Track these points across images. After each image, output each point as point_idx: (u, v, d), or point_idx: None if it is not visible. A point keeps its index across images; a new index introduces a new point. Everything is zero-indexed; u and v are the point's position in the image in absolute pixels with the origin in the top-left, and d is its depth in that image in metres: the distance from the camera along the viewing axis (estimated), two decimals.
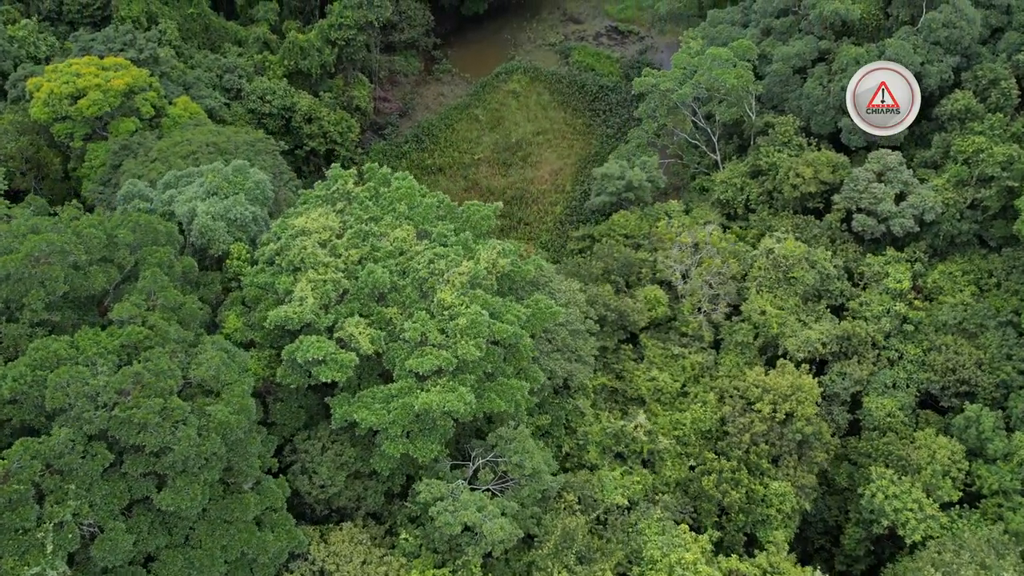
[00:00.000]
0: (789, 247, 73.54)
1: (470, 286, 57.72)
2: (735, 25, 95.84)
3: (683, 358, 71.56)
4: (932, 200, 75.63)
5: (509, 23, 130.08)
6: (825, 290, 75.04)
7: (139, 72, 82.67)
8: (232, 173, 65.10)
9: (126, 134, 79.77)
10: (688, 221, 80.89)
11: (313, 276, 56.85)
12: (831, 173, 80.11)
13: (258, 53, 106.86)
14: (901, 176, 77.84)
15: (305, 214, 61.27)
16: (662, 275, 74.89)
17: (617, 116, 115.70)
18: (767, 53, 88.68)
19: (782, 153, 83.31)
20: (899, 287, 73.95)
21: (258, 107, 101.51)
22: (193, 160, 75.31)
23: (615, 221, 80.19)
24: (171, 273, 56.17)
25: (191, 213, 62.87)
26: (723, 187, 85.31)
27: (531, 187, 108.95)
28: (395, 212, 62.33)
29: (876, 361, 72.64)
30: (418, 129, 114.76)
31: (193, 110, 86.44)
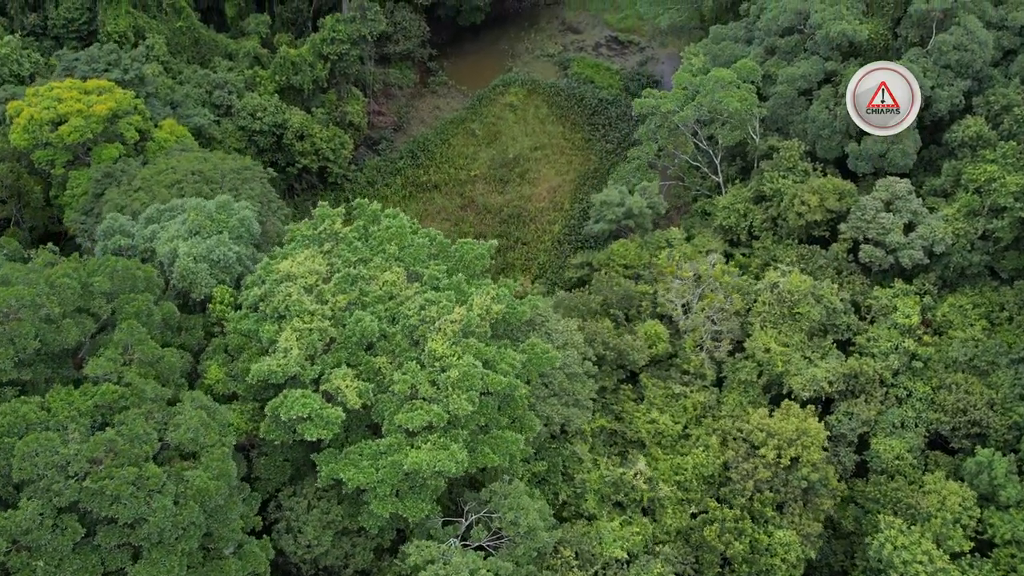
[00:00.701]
0: (794, 281, 71.05)
1: (462, 335, 55.31)
2: (738, 42, 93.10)
3: (684, 397, 69.16)
4: (942, 231, 73.12)
5: (507, 33, 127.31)
6: (831, 324, 72.58)
7: (123, 95, 79.99)
8: (215, 210, 62.58)
9: (109, 161, 77.14)
10: (690, 250, 78.41)
11: (298, 325, 54.43)
12: (837, 201, 77.60)
13: (249, 68, 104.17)
14: (910, 205, 75.34)
15: (291, 257, 58.76)
16: (663, 309, 72.39)
17: (617, 130, 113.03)
18: (771, 73, 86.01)
19: (787, 179, 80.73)
20: (908, 322, 71.51)
21: (249, 124, 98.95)
22: (178, 190, 72.81)
23: (614, 251, 77.68)
24: (149, 322, 53.73)
25: (172, 254, 60.40)
26: (726, 213, 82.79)
27: (529, 205, 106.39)
28: (385, 253, 59.85)
29: (884, 400, 70.27)
30: (413, 144, 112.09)
31: (179, 133, 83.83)
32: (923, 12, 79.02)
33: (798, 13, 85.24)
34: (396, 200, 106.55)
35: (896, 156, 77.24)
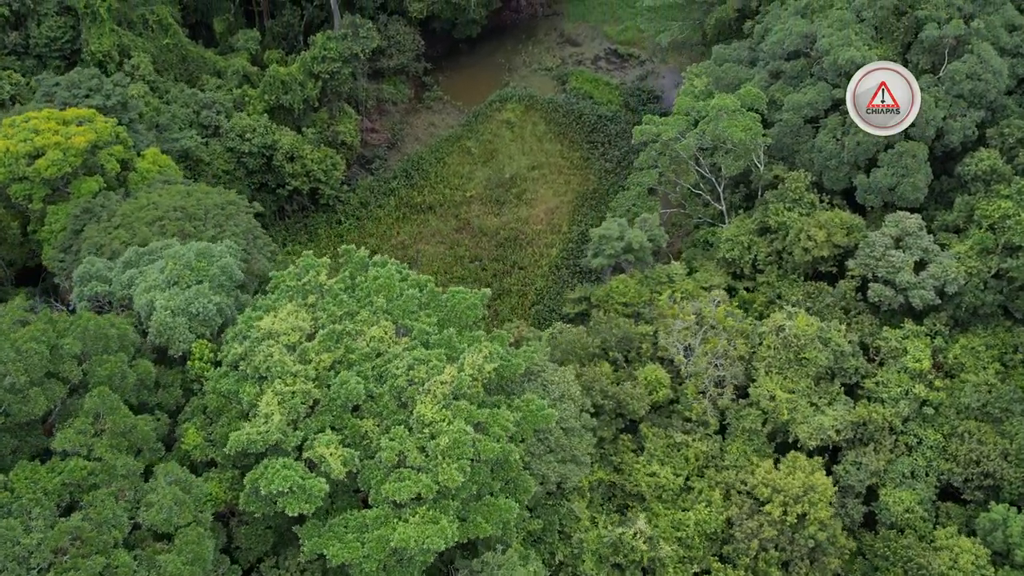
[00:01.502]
0: (801, 324, 68.26)
1: (453, 397, 52.55)
2: (742, 64, 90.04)
3: (686, 447, 66.46)
4: (954, 271, 70.24)
5: (504, 45, 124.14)
6: (839, 368, 69.82)
7: (104, 125, 77.02)
8: (195, 258, 59.74)
9: (88, 195, 74.24)
10: (691, 286, 75.61)
11: (280, 388, 51.66)
12: (845, 236, 74.73)
13: (237, 87, 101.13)
14: (921, 242, 72.47)
15: (273, 312, 55.90)
16: (664, 353, 69.64)
17: (616, 148, 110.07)
18: (776, 98, 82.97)
19: (792, 212, 77.83)
20: (918, 367, 68.73)
21: (237, 145, 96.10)
22: (159, 227, 70.02)
23: (613, 288, 74.81)
24: (123, 385, 50.99)
25: (150, 306, 57.58)
26: (729, 245, 79.92)
27: (526, 227, 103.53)
28: (372, 306, 57.01)
29: (894, 447, 67.60)
30: (407, 163, 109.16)
31: (163, 163, 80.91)
32: (935, 38, 75.96)
33: (804, 36, 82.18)
34: (390, 222, 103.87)
35: (907, 190, 74.32)
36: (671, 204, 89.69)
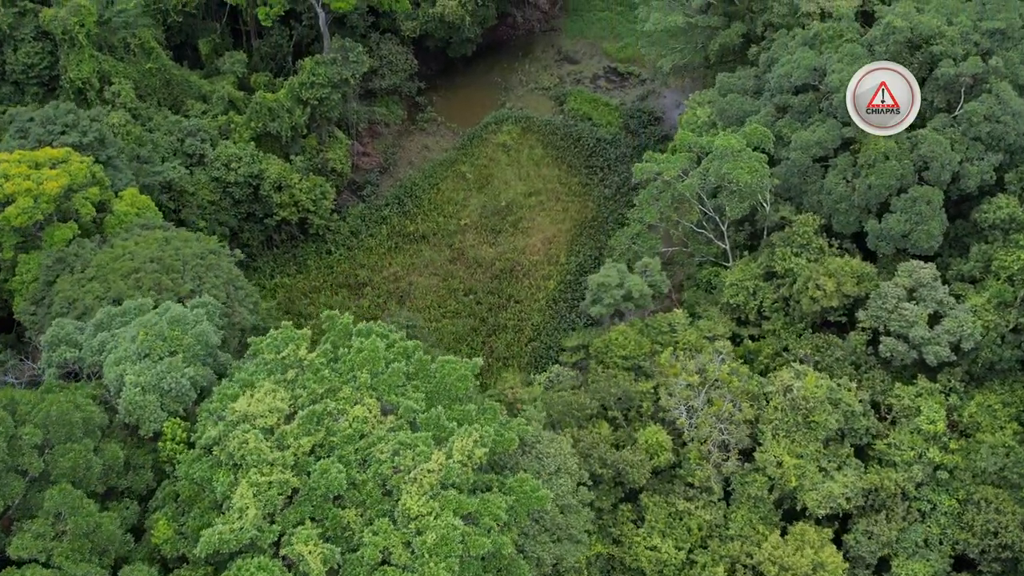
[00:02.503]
0: (810, 385, 64.89)
1: (441, 486, 49.23)
2: (747, 94, 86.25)
3: (689, 515, 63.22)
4: (971, 326, 66.81)
5: (500, 63, 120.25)
6: (850, 429, 66.53)
7: (79, 166, 73.42)
8: (168, 327, 56.28)
9: (62, 243, 70.82)
10: (695, 336, 72.15)
11: (256, 479, 48.32)
12: (856, 285, 71.32)
13: (223, 114, 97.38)
14: (935, 294, 69.03)
15: (249, 391, 52.46)
16: (666, 414, 66.32)
17: (616, 174, 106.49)
18: (783, 134, 79.30)
19: (800, 257, 74.35)
20: (932, 429, 65.43)
21: (223, 175, 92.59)
22: (135, 281, 66.57)
23: (612, 340, 71.38)
24: (88, 476, 47.70)
25: (119, 381, 54.19)
26: (733, 290, 76.49)
27: (522, 258, 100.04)
28: (356, 382, 53.59)
29: (906, 515, 64.38)
30: (400, 189, 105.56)
31: (141, 204, 77.32)
32: (951, 77, 72.32)
33: (813, 70, 78.48)
34: (382, 252, 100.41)
35: (920, 238, 70.84)
36: (673, 241, 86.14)
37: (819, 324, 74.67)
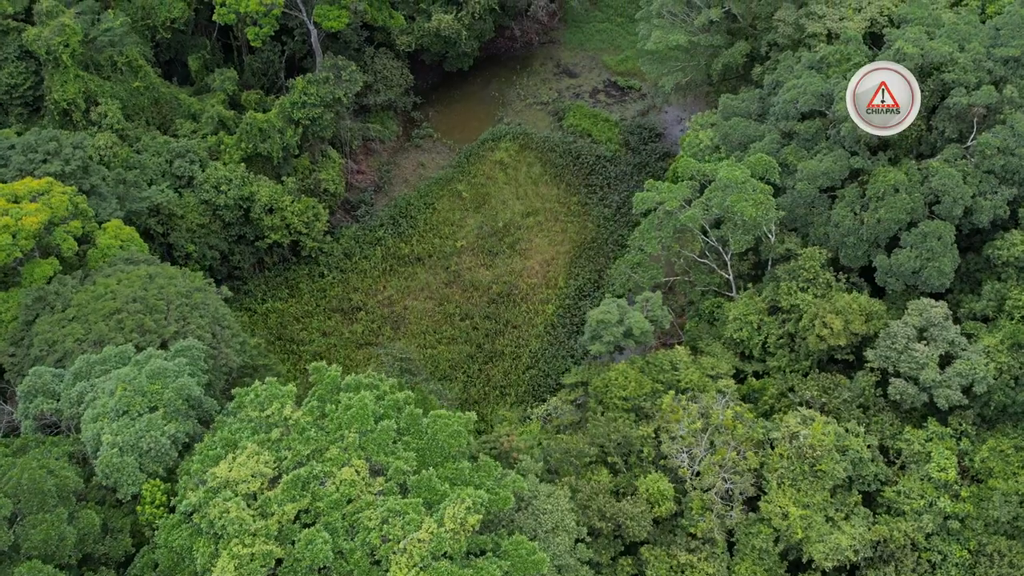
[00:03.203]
0: (817, 433, 62.52)
1: (432, 557, 46.93)
2: (751, 117, 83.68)
3: (691, 569, 60.92)
4: (983, 369, 64.42)
5: (497, 76, 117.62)
6: (858, 475, 64.24)
7: (61, 198, 71.07)
8: (147, 381, 53.87)
9: (42, 280, 68.48)
10: (697, 376, 69.74)
11: (237, 550, 46.00)
12: (864, 323, 68.91)
13: (213, 134, 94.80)
14: (946, 335, 66.58)
15: (232, 455, 50.08)
16: (667, 461, 63.99)
17: (616, 192, 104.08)
18: (789, 162, 76.78)
19: (806, 293, 71.93)
20: (943, 477, 63.14)
21: (212, 198, 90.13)
22: (116, 322, 64.24)
23: (612, 380, 69.05)
24: (61, 548, 45.37)
25: (97, 440, 51.85)
26: (737, 324, 74.10)
27: (520, 281, 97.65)
28: (343, 441, 51.22)
29: (916, 566, 62.11)
30: (395, 209, 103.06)
31: (125, 236, 74.96)
32: (963, 107, 69.77)
33: (820, 96, 75.90)
34: (376, 275, 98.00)
35: (931, 275, 68.37)
36: (674, 270, 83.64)
37: (826, 361, 72.36)
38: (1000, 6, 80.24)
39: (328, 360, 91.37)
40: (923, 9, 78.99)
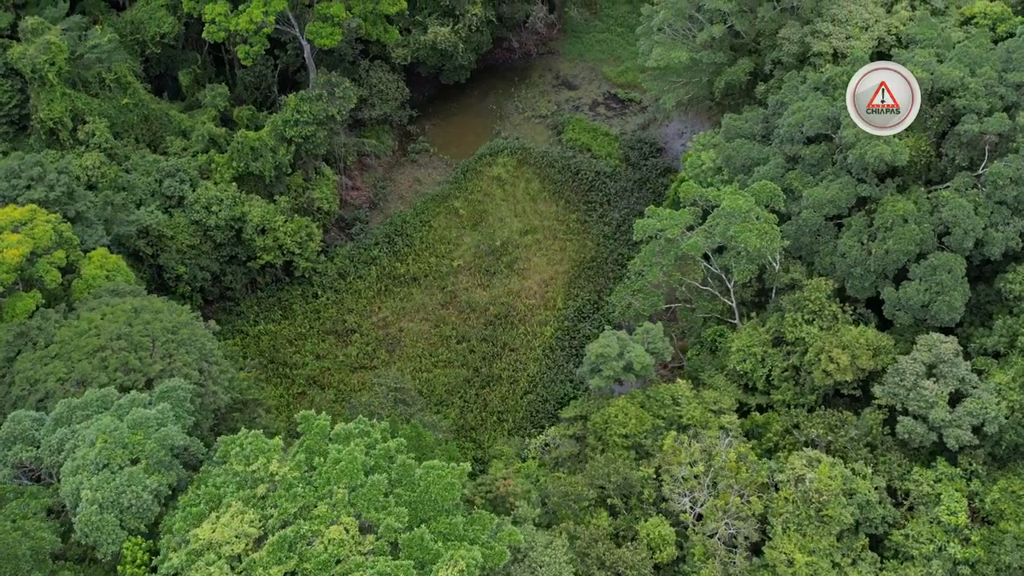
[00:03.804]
0: (823, 477, 60.60)
1: None
2: (754, 139, 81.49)
3: None
4: (994, 408, 62.48)
5: (495, 88, 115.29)
6: (865, 518, 62.33)
7: (44, 227, 69.04)
8: (129, 431, 51.86)
9: (24, 315, 66.46)
10: (699, 411, 67.76)
11: None
12: (871, 358, 66.93)
13: (204, 152, 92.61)
14: (956, 371, 64.58)
15: (215, 514, 48.10)
16: (669, 505, 62.08)
17: (616, 209, 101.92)
18: (794, 188, 74.63)
19: (812, 325, 69.91)
20: (953, 520, 61.22)
21: (203, 218, 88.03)
22: (100, 360, 62.21)
23: (612, 416, 67.10)
24: None
25: (76, 495, 49.88)
26: (740, 355, 72.09)
27: (517, 302, 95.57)
28: (332, 498, 49.23)
29: None
30: (390, 227, 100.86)
31: (111, 265, 72.90)
32: (974, 134, 67.64)
33: (826, 120, 73.72)
34: (371, 295, 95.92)
35: (941, 310, 66.30)
36: (675, 296, 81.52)
37: (831, 395, 70.41)
38: (1012, 25, 78.06)
39: (322, 384, 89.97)
40: (932, 29, 76.83)
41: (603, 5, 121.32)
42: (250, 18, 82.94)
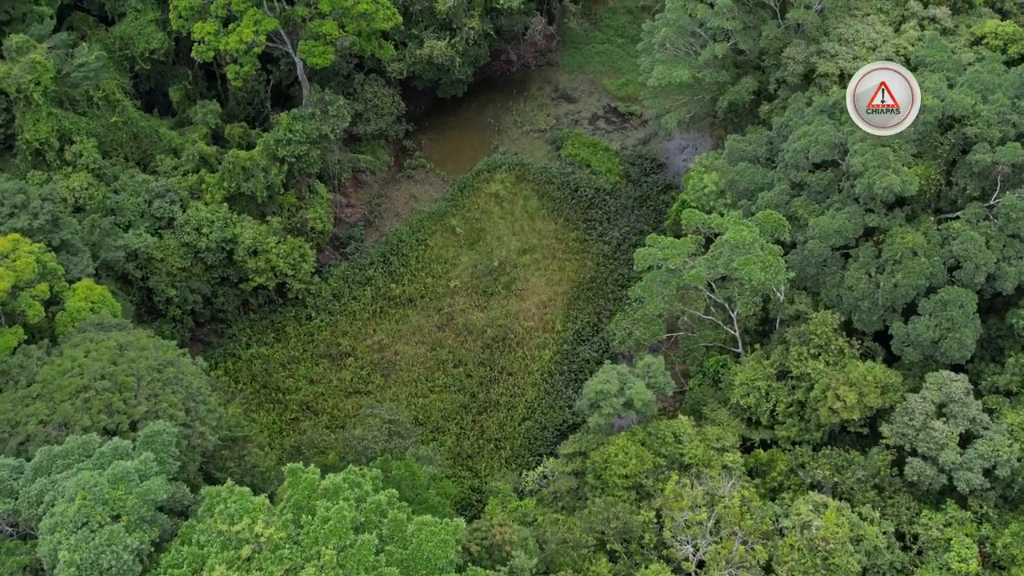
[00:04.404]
0: (829, 524, 58.68)
1: None
2: (758, 162, 79.37)
3: None
4: (1006, 451, 60.54)
5: (493, 101, 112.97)
6: (872, 564, 60.44)
7: (27, 259, 66.78)
8: (109, 486, 49.88)
9: (5, 352, 64.38)
10: (702, 450, 65.82)
11: None
12: (879, 396, 64.96)
13: (194, 171, 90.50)
14: (967, 411, 62.62)
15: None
16: (671, 553, 60.18)
17: (616, 227, 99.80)
18: (799, 216, 72.55)
19: (818, 361, 67.91)
20: (963, 568, 59.33)
21: (193, 240, 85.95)
22: (83, 401, 60.18)
23: (612, 456, 65.15)
24: None
25: (53, 556, 47.96)
26: (743, 389, 70.16)
27: (515, 324, 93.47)
28: (320, 559, 47.30)
29: None
30: (385, 246, 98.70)
31: (96, 297, 70.72)
32: (985, 164, 65.53)
33: (833, 146, 71.61)
34: (365, 317, 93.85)
35: (952, 347, 64.28)
36: (677, 325, 79.44)
37: (838, 431, 68.49)
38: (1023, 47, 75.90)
39: (315, 410, 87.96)
40: (942, 51, 74.61)
41: (603, 15, 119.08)
42: (240, 38, 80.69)
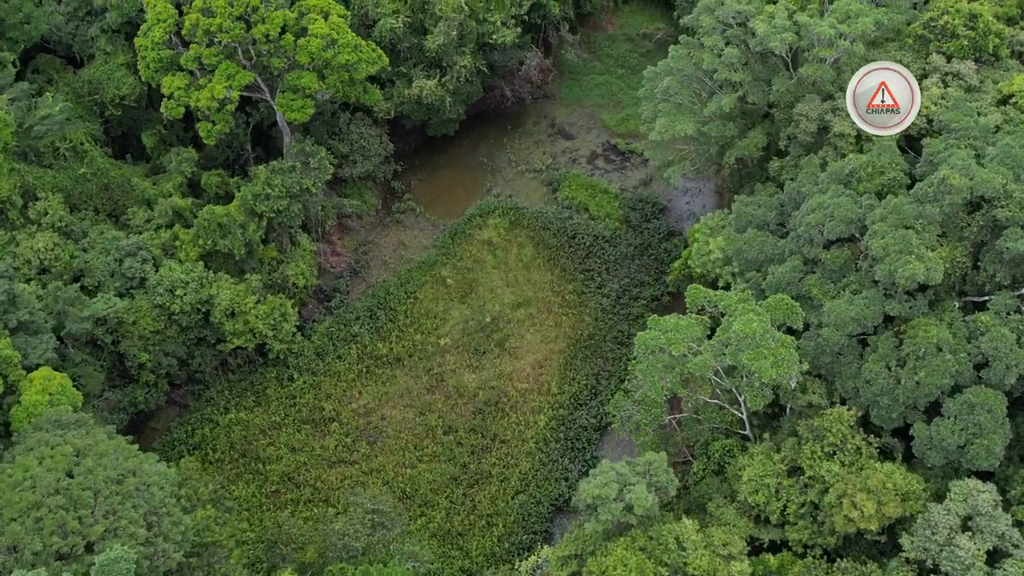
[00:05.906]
0: None
1: None
2: (767, 228, 74.12)
3: None
4: None
5: (486, 137, 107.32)
6: None
7: None
8: None
9: None
10: (707, 560, 61.06)
11: None
12: (899, 504, 60.12)
13: (168, 227, 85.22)
14: (995, 526, 57.79)
15: None
16: None
17: (615, 278, 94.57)
18: (813, 295, 67.40)
19: (832, 461, 62.97)
20: None
21: (167, 302, 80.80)
22: (35, 522, 55.39)
23: (611, 567, 60.40)
24: None
25: None
26: (752, 486, 65.24)
27: (509, 386, 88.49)
28: None
29: None
30: (372, 300, 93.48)
31: (55, 388, 65.74)
32: (1018, 254, 60.30)
33: (850, 222, 66.34)
34: (351, 378, 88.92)
35: (979, 455, 59.31)
36: (680, 410, 74.40)
37: (853, 537, 63.66)
38: None
39: (297, 482, 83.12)
40: (968, 116, 69.00)
41: (602, 44, 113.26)
42: (212, 94, 75.01)
